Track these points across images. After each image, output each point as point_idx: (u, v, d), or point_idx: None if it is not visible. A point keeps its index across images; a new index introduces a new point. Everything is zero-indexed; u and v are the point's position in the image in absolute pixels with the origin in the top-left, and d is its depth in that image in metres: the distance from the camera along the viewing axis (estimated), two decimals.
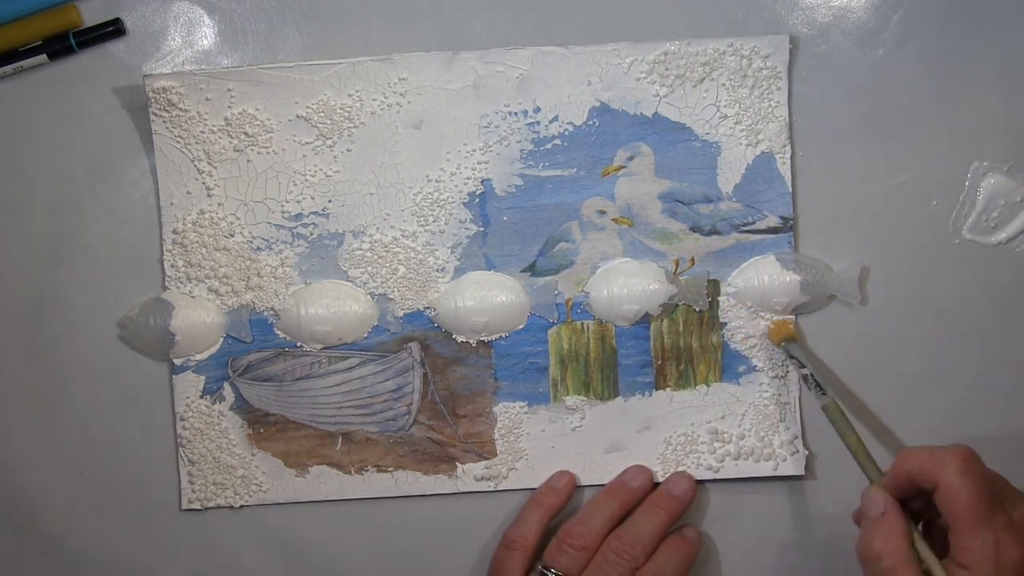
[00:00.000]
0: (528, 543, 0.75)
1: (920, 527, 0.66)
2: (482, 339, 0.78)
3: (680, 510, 0.76)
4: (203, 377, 0.78)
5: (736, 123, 0.77)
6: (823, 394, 0.73)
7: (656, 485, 0.78)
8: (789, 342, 0.76)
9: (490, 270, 0.78)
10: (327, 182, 0.77)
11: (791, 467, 0.78)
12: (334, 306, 0.77)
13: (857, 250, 0.78)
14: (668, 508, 0.76)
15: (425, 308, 0.77)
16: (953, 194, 0.78)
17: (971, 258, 0.78)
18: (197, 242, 0.77)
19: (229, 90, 0.76)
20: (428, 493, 0.79)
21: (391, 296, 0.77)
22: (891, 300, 0.79)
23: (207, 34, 0.78)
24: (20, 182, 0.78)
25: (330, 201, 0.77)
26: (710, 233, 0.77)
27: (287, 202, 0.77)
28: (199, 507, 0.78)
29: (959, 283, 0.79)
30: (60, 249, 0.78)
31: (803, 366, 0.74)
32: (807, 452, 0.78)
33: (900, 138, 0.78)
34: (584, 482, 0.79)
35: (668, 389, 0.78)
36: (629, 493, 0.76)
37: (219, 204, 0.77)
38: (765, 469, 0.78)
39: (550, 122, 0.77)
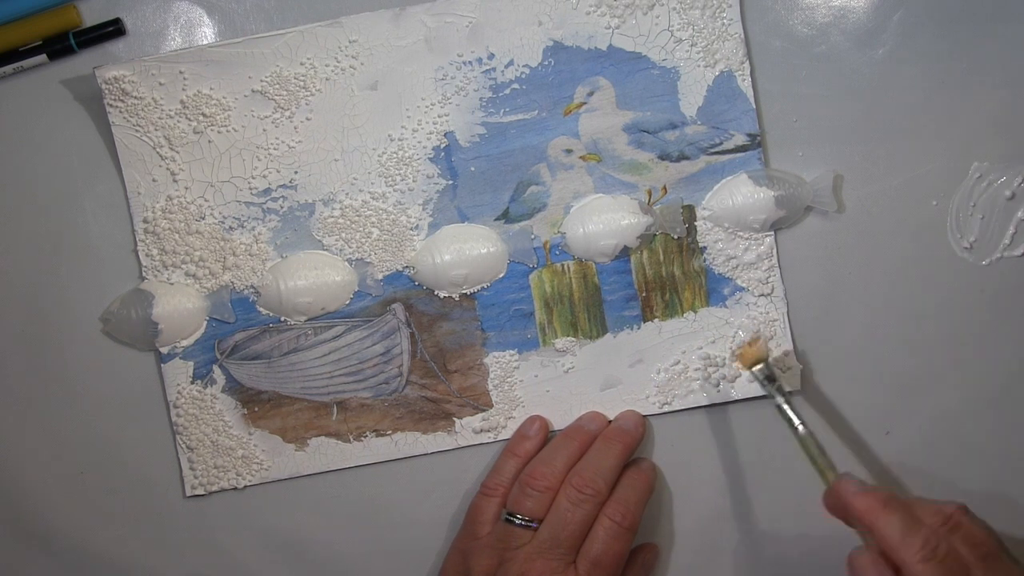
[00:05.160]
0: (505, 490, 0.75)
1: None
2: (464, 292, 0.77)
3: (634, 443, 0.76)
4: (191, 362, 0.78)
5: (691, 46, 0.76)
6: (799, 425, 0.72)
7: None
8: (760, 364, 0.75)
9: (464, 222, 0.77)
10: (291, 154, 0.76)
11: (786, 383, 0.77)
12: (313, 276, 0.76)
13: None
14: (623, 440, 0.76)
15: (404, 268, 0.77)
16: (953, 194, 0.78)
17: (971, 258, 0.78)
18: (169, 228, 0.77)
19: (181, 72, 0.75)
20: (429, 451, 0.79)
21: (368, 260, 0.77)
22: (890, 297, 0.78)
23: (207, 34, 0.78)
24: (20, 182, 0.78)
25: (296, 172, 0.77)
26: (679, 159, 0.77)
27: (253, 178, 0.77)
28: (203, 492, 0.79)
29: (958, 282, 0.78)
30: (60, 249, 0.78)
31: (776, 394, 0.73)
32: (800, 366, 0.78)
33: (900, 138, 0.77)
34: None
35: (656, 320, 0.78)
36: (587, 435, 0.77)
37: (186, 188, 0.77)
38: (759, 388, 0.77)
39: (505, 67, 0.76)
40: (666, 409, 0.78)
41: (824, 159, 0.77)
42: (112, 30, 0.77)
